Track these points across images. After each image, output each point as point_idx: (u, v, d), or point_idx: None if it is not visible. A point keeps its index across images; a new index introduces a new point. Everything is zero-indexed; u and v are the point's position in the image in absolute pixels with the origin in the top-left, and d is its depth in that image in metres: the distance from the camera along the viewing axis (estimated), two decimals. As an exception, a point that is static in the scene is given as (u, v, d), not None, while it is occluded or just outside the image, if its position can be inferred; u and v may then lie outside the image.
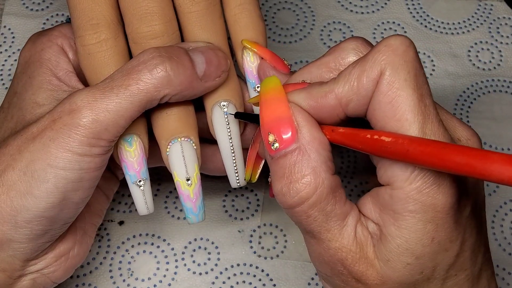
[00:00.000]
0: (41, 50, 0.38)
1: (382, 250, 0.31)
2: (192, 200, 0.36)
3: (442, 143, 0.27)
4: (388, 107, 0.30)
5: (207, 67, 0.35)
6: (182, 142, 0.36)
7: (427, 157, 0.27)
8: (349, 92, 0.31)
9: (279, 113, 0.32)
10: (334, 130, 0.32)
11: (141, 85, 0.33)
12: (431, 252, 0.30)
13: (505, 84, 0.51)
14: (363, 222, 0.31)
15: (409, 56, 0.30)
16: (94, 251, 0.44)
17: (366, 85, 0.30)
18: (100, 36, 0.35)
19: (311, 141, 0.31)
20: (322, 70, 0.34)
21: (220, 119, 0.36)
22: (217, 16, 0.37)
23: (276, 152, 0.31)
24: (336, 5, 0.54)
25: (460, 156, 0.26)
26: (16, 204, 0.33)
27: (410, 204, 0.29)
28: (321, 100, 0.31)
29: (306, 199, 0.31)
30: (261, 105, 0.32)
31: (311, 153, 0.31)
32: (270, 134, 0.31)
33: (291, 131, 0.31)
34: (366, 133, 0.30)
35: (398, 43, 0.30)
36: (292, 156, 0.31)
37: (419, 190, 0.29)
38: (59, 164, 0.33)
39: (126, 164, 0.35)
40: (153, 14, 0.35)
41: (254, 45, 0.37)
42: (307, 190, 0.30)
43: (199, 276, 0.44)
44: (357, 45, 0.34)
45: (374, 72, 0.30)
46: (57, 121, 0.33)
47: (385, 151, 0.29)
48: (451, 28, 0.53)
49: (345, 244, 0.31)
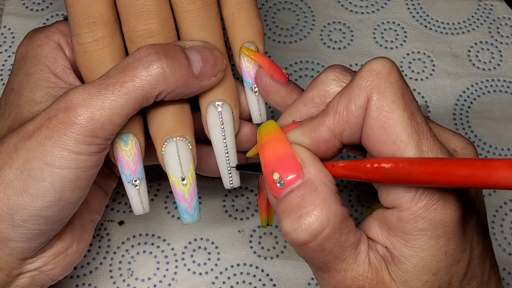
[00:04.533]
0: (38, 46, 0.38)
1: (398, 272, 0.30)
2: (187, 200, 0.36)
3: (443, 160, 0.27)
4: (381, 131, 0.30)
5: (203, 65, 0.35)
6: (178, 141, 0.35)
7: (430, 176, 0.27)
8: (339, 122, 0.31)
9: (280, 152, 0.31)
10: (335, 165, 0.31)
11: (136, 82, 0.33)
12: (446, 266, 0.30)
13: (505, 84, 0.51)
14: (373, 247, 0.31)
15: (393, 78, 0.30)
16: (94, 251, 0.44)
17: (355, 113, 0.30)
18: (97, 35, 0.35)
19: (317, 175, 0.31)
20: (309, 107, 0.34)
21: (214, 118, 0.36)
22: (213, 15, 0.37)
23: (282, 190, 0.31)
24: (336, 5, 0.54)
25: (464, 169, 0.25)
26: (12, 203, 0.33)
27: (419, 223, 0.29)
28: (315, 135, 0.31)
29: (320, 232, 0.30)
30: (261, 148, 0.32)
31: (318, 186, 0.30)
32: (275, 173, 0.31)
33: (295, 167, 0.31)
34: (366, 163, 0.29)
35: (380, 66, 0.30)
36: (299, 191, 0.30)
37: (427, 207, 0.29)
38: (55, 163, 0.33)
39: (122, 163, 0.35)
40: (150, 13, 0.35)
41: (252, 53, 0.37)
42: (319, 222, 0.30)
43: (199, 276, 0.44)
44: (336, 74, 0.33)
45: (361, 98, 0.30)
46: (52, 119, 0.33)
47: (387, 177, 0.29)
48: (451, 28, 0.53)
49: (361, 272, 0.30)
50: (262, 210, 0.37)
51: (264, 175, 0.31)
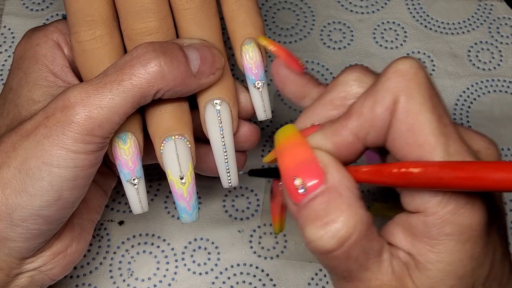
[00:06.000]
0: (36, 45, 0.38)
1: (423, 279, 0.29)
2: (185, 199, 0.35)
3: (474, 164, 0.26)
4: (409, 134, 0.29)
5: (201, 63, 0.35)
6: (176, 140, 0.35)
7: (463, 181, 0.26)
8: (364, 125, 0.30)
9: (301, 157, 0.30)
10: (358, 171, 0.30)
11: (134, 80, 0.33)
12: (471, 269, 0.29)
13: (505, 84, 0.51)
14: (394, 254, 0.30)
15: (421, 78, 0.29)
16: (94, 251, 0.44)
17: (381, 115, 0.29)
18: (95, 33, 0.35)
19: (341, 180, 0.29)
20: (327, 108, 0.33)
21: (212, 117, 0.36)
22: (212, 14, 0.37)
23: (304, 196, 0.29)
24: (336, 5, 0.54)
25: (498, 173, 0.25)
26: (11, 202, 0.33)
27: (447, 228, 0.28)
28: (337, 139, 0.30)
29: (347, 239, 0.28)
30: (279, 153, 0.31)
31: (343, 191, 0.29)
32: (297, 179, 0.30)
33: (318, 172, 0.29)
34: (392, 167, 0.28)
35: (407, 67, 0.29)
36: (324, 197, 0.29)
37: (454, 212, 0.28)
38: (53, 162, 0.33)
39: (120, 162, 0.35)
40: (148, 11, 0.35)
41: (270, 42, 0.36)
42: (346, 228, 0.28)
43: (199, 276, 0.44)
44: (357, 75, 0.32)
45: (388, 101, 0.29)
46: (50, 118, 0.33)
47: (416, 182, 0.28)
48: (451, 28, 0.53)
49: (385, 281, 0.30)
50: (275, 217, 0.36)
51: (284, 181, 0.30)
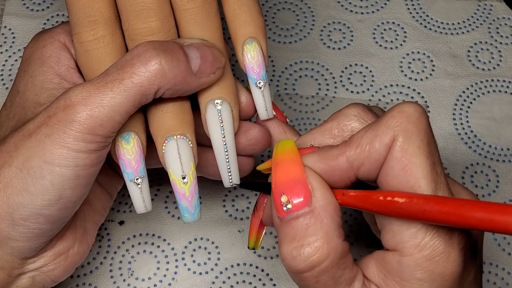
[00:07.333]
0: (42, 47, 0.38)
1: None
2: (187, 199, 0.35)
3: (459, 201, 0.27)
4: (401, 173, 0.30)
5: (201, 62, 0.35)
6: (178, 139, 0.35)
7: (446, 215, 0.27)
8: (360, 156, 0.31)
9: (293, 175, 0.31)
10: (345, 194, 0.31)
11: (135, 79, 0.33)
12: None
13: (504, 84, 0.51)
14: (367, 285, 0.31)
15: (422, 124, 0.30)
16: (94, 251, 0.44)
17: (378, 149, 0.30)
18: (97, 33, 0.35)
19: (325, 206, 0.31)
20: (325, 136, 0.34)
21: (213, 117, 0.36)
22: (213, 13, 0.37)
23: (288, 214, 0.31)
24: (336, 5, 0.54)
25: (480, 212, 0.25)
26: (12, 201, 0.33)
27: (418, 272, 0.29)
28: (332, 163, 0.31)
29: (318, 264, 0.30)
30: (274, 166, 0.32)
31: (324, 218, 0.30)
32: (283, 195, 0.31)
33: (305, 193, 0.31)
34: (379, 195, 0.29)
35: (412, 110, 0.30)
36: (305, 219, 0.30)
37: (429, 258, 0.29)
38: (54, 161, 0.33)
39: (124, 161, 0.35)
40: (150, 11, 0.35)
41: None
42: (319, 255, 0.30)
43: (199, 276, 0.44)
44: (358, 111, 0.34)
45: (387, 137, 0.30)
46: (52, 117, 0.33)
47: (400, 212, 0.29)
48: (451, 28, 0.54)
49: None
50: (252, 232, 0.37)
51: (273, 195, 0.31)
